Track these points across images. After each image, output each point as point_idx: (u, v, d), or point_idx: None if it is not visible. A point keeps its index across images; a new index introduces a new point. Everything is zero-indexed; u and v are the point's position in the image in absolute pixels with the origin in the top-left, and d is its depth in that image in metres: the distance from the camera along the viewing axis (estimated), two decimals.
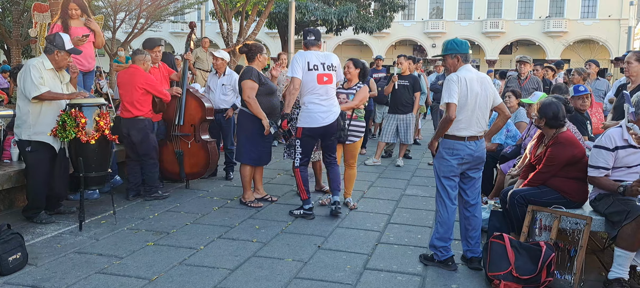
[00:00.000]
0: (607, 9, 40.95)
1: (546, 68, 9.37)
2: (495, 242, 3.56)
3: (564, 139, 3.81)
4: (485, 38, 43.04)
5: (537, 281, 3.37)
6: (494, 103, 3.80)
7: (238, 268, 3.73)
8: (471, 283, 3.58)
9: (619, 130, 3.61)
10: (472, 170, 3.80)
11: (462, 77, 3.64)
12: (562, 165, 3.77)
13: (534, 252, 3.45)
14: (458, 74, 3.67)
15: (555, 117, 3.82)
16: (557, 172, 3.80)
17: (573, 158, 3.76)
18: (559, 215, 3.66)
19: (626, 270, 3.41)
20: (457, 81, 3.62)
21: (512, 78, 8.21)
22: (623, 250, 3.39)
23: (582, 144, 4.03)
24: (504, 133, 5.89)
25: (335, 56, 5.11)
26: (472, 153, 3.70)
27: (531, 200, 3.82)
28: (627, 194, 3.43)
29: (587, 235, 3.51)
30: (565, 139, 3.81)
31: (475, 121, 3.69)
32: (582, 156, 3.83)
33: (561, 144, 3.78)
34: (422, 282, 3.59)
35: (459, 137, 3.69)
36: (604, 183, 3.61)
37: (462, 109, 3.63)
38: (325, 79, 4.83)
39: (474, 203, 3.84)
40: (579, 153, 3.80)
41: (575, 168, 3.78)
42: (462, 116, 3.64)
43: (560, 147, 3.78)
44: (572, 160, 3.76)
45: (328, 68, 4.88)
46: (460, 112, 3.63)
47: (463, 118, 3.64)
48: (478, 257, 3.79)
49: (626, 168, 3.60)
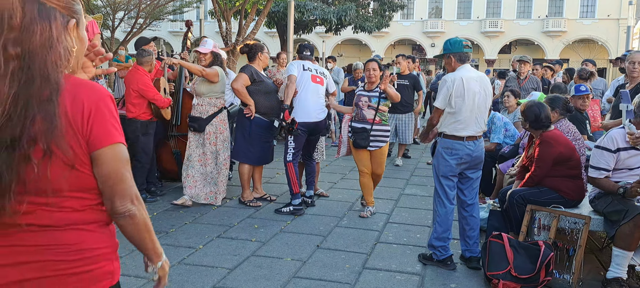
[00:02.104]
0: (606, 9, 40.97)
1: (545, 67, 9.37)
2: (494, 241, 3.56)
3: (548, 138, 3.84)
4: (484, 37, 43.05)
5: (536, 280, 3.38)
6: None
7: (237, 267, 3.73)
8: (470, 282, 3.59)
9: (621, 131, 3.59)
10: (470, 170, 3.80)
11: (458, 77, 3.65)
12: (552, 164, 3.79)
13: (533, 251, 3.45)
14: (454, 75, 3.68)
15: (537, 120, 3.88)
16: (549, 171, 3.80)
17: (560, 155, 3.77)
18: (558, 215, 3.66)
19: (624, 269, 3.42)
20: (452, 83, 3.64)
21: (511, 78, 8.23)
22: (621, 250, 3.39)
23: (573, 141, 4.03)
24: (503, 132, 5.89)
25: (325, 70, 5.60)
26: (470, 153, 3.70)
27: (530, 200, 3.82)
28: (627, 196, 3.43)
29: (585, 235, 3.51)
30: (550, 138, 3.84)
31: (474, 121, 3.69)
32: (570, 153, 3.83)
33: (547, 143, 3.82)
34: (421, 281, 3.60)
35: (457, 136, 3.69)
36: (605, 184, 3.60)
37: (461, 109, 3.63)
38: (318, 80, 5.29)
39: (472, 203, 3.85)
40: (565, 150, 3.81)
41: (566, 166, 3.80)
42: (460, 116, 3.64)
43: (546, 145, 3.81)
44: (559, 157, 3.77)
45: (320, 74, 5.36)
46: (458, 112, 3.63)
47: (462, 118, 3.64)
48: (477, 256, 3.79)
49: (627, 170, 3.60)
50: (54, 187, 1.19)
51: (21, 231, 1.20)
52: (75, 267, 1.24)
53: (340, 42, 42.23)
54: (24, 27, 1.13)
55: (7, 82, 1.11)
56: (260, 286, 3.42)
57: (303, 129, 5.12)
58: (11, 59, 1.11)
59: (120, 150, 1.26)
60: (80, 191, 1.24)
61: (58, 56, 1.17)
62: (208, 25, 31.80)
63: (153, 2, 18.33)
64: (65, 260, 1.23)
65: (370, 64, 5.05)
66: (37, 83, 1.13)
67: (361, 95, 5.00)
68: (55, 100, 1.14)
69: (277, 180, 6.66)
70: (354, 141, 4.92)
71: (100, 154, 1.22)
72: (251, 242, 4.27)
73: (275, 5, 18.63)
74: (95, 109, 1.22)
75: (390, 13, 23.02)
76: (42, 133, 1.13)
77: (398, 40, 44.89)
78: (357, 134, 4.90)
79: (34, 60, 1.13)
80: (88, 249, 1.26)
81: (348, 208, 5.39)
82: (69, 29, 1.22)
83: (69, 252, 1.23)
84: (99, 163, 1.23)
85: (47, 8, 1.18)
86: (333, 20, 19.62)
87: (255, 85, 5.23)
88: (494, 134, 5.88)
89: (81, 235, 1.25)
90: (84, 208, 1.26)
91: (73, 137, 1.19)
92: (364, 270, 3.76)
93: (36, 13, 1.15)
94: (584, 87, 5.39)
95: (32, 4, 1.16)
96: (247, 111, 5.22)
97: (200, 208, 5.23)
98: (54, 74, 1.15)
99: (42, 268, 1.21)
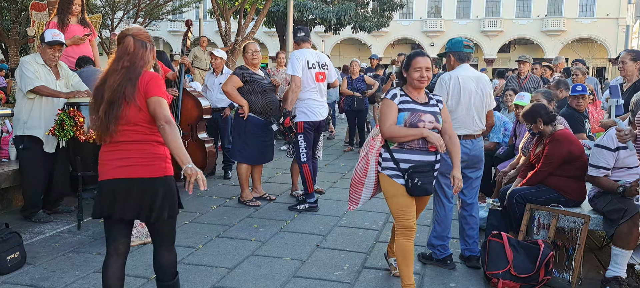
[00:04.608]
0: (605, 8, 40.99)
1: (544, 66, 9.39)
2: (493, 240, 3.56)
3: (560, 136, 3.83)
4: (483, 37, 43.05)
5: (536, 279, 3.38)
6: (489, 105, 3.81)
7: (236, 267, 3.73)
8: (469, 281, 3.59)
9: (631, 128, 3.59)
10: (469, 170, 3.80)
11: (454, 76, 3.67)
12: (560, 163, 3.78)
13: (532, 250, 3.45)
14: (451, 74, 3.71)
15: (547, 113, 3.91)
16: (555, 170, 3.80)
17: (570, 155, 3.77)
18: (557, 214, 3.66)
19: (624, 268, 3.42)
20: (448, 81, 3.66)
21: (511, 77, 8.24)
22: (620, 249, 3.40)
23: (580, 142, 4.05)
24: (502, 132, 5.89)
25: (325, 56, 5.51)
26: (467, 152, 3.70)
27: (530, 199, 3.82)
28: (626, 195, 3.43)
29: (585, 234, 3.51)
30: (562, 136, 3.84)
31: (470, 120, 3.68)
32: (580, 154, 3.84)
33: (558, 141, 3.81)
34: (420, 280, 3.60)
35: None
36: (604, 183, 3.61)
37: (456, 107, 3.64)
38: (321, 77, 5.22)
39: (471, 202, 3.84)
40: (575, 150, 3.81)
41: (573, 166, 3.79)
42: (456, 115, 3.64)
43: (557, 143, 3.80)
44: (568, 157, 3.77)
45: (322, 66, 5.26)
46: (454, 111, 3.64)
47: (457, 116, 3.64)
48: (476, 255, 3.79)
49: (627, 168, 3.60)
50: (133, 120, 2.44)
51: (122, 144, 2.46)
52: (146, 161, 2.47)
53: (340, 41, 42.22)
54: (133, 52, 2.49)
55: (118, 77, 2.44)
56: (259, 285, 3.42)
57: (310, 128, 5.18)
58: (123, 66, 2.45)
59: (157, 99, 2.42)
60: (145, 122, 2.46)
61: (144, 63, 2.51)
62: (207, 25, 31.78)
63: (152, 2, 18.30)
64: (141, 157, 2.47)
65: (422, 60, 3.17)
66: (131, 75, 2.44)
67: (418, 111, 3.14)
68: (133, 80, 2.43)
69: (277, 180, 6.65)
70: (414, 186, 3.09)
71: (149, 100, 2.43)
72: (251, 242, 4.27)
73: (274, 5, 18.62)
74: (148, 80, 2.46)
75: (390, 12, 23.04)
76: (127, 95, 2.41)
77: (397, 39, 44.89)
78: (420, 174, 3.09)
79: (135, 66, 2.46)
80: (152, 153, 2.49)
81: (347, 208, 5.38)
82: (148, 49, 2.55)
83: (143, 153, 2.47)
84: (148, 105, 2.43)
85: (143, 41, 2.53)
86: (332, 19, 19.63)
87: (248, 86, 5.27)
88: (493, 133, 5.88)
89: (148, 145, 2.48)
90: (148, 132, 2.47)
91: (139, 94, 2.43)
92: (363, 269, 3.76)
93: (139, 45, 2.51)
94: (581, 87, 5.39)
95: (137, 40, 2.51)
96: (241, 112, 5.27)
97: (199, 208, 5.22)
98: (140, 71, 2.47)
99: (133, 160, 2.46)
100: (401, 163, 3.12)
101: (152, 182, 2.46)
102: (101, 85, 2.47)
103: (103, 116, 2.41)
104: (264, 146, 5.46)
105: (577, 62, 8.30)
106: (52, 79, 4.52)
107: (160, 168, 2.49)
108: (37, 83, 4.36)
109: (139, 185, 2.45)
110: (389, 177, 3.17)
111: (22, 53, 16.58)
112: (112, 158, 2.47)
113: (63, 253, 3.91)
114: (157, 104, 2.40)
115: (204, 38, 10.93)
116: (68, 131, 4.21)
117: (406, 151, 3.12)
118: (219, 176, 6.72)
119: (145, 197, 2.46)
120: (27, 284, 3.37)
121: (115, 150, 2.47)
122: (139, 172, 2.45)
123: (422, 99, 3.20)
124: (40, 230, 4.42)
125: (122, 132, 2.43)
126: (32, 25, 7.11)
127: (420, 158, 3.11)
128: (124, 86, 2.40)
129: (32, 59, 4.49)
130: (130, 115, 2.42)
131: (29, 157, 4.54)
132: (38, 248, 4.00)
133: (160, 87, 2.45)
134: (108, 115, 2.40)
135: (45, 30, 4.59)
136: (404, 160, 3.12)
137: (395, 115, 3.11)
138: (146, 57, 2.50)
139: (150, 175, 2.46)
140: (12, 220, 4.46)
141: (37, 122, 4.47)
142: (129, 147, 2.45)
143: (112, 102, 2.40)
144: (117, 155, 2.46)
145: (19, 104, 4.51)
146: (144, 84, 2.42)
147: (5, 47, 16.65)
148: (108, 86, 2.42)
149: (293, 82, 5.03)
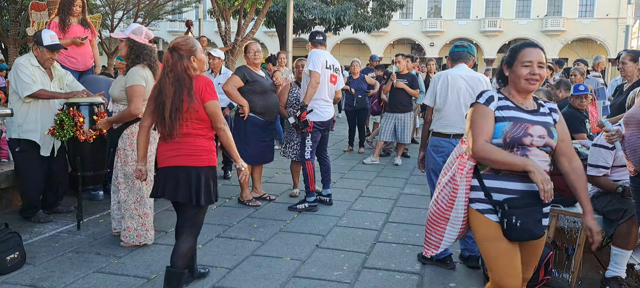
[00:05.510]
0: (604, 8, 40.98)
1: None
2: None
3: None
4: (483, 37, 43.05)
5: (535, 279, 3.37)
6: None
7: (236, 267, 3.73)
8: (469, 281, 3.59)
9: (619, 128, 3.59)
10: None
11: (444, 74, 3.80)
12: None
13: None
14: (441, 72, 3.85)
15: None
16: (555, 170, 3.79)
17: None
18: (557, 214, 3.66)
19: (623, 268, 3.43)
20: (437, 80, 3.81)
21: None
22: (620, 249, 3.40)
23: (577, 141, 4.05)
24: None
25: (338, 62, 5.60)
26: None
27: None
28: (625, 195, 3.44)
29: (585, 234, 3.51)
30: None
31: (459, 118, 3.70)
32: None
33: None
34: (420, 280, 3.60)
35: (443, 134, 3.71)
36: (603, 183, 3.61)
37: (444, 105, 3.73)
38: (333, 79, 5.32)
39: None
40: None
41: None
42: (444, 113, 3.71)
43: None
44: None
45: (336, 70, 5.37)
46: (442, 108, 3.74)
47: (445, 114, 3.70)
48: (476, 255, 3.79)
49: (626, 168, 3.60)
50: (191, 118, 2.87)
51: (182, 137, 2.89)
52: (196, 152, 2.92)
53: (340, 41, 42.20)
54: (173, 64, 2.89)
55: (171, 86, 2.85)
56: (259, 286, 3.42)
57: (319, 127, 5.23)
58: (170, 80, 2.87)
59: (213, 102, 2.92)
60: (200, 121, 2.91)
61: (188, 71, 2.90)
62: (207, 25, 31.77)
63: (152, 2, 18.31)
64: (193, 149, 2.92)
65: (534, 52, 2.50)
66: (181, 84, 2.86)
67: (524, 122, 2.30)
68: (188, 86, 2.86)
69: (277, 180, 6.66)
70: (511, 227, 2.22)
71: (206, 104, 2.90)
72: (250, 242, 4.27)
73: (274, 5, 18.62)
74: (203, 86, 2.91)
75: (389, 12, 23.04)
76: (184, 100, 2.84)
77: (397, 39, 44.87)
78: (520, 209, 2.24)
79: (179, 76, 2.87)
80: (201, 146, 2.95)
81: (347, 208, 5.39)
82: (191, 60, 2.92)
83: (195, 146, 2.92)
84: (206, 108, 2.90)
85: (181, 54, 2.90)
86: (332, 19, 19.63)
87: (249, 86, 5.27)
88: None
89: (199, 139, 2.94)
90: (201, 128, 2.93)
91: (196, 98, 2.87)
92: (363, 269, 3.76)
93: (177, 57, 2.89)
94: (583, 87, 5.39)
95: (175, 54, 2.90)
96: (241, 112, 5.27)
97: None
98: (187, 79, 2.88)
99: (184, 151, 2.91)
100: (493, 194, 2.26)
101: (198, 170, 2.92)
102: (158, 95, 2.90)
103: (169, 120, 2.85)
104: (264, 146, 5.47)
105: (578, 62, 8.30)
106: (46, 80, 4.49)
107: (207, 159, 2.96)
108: (35, 88, 4.33)
109: (187, 172, 2.90)
110: (478, 213, 2.30)
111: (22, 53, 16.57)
112: (167, 149, 2.94)
113: (63, 253, 3.91)
114: (215, 108, 2.92)
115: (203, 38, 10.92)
116: (68, 131, 4.21)
117: (501, 177, 2.26)
118: (219, 176, 6.72)
119: (192, 182, 2.90)
120: (27, 284, 3.37)
121: (169, 143, 2.92)
122: (188, 161, 2.90)
123: (530, 105, 2.36)
124: (40, 230, 4.42)
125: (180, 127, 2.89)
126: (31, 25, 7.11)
127: (520, 187, 2.24)
128: (180, 94, 2.84)
129: (27, 61, 4.42)
130: (185, 116, 2.85)
131: (25, 160, 4.52)
132: (38, 248, 4.00)
133: (212, 92, 2.93)
134: (173, 119, 2.84)
135: (41, 32, 4.53)
136: (498, 188, 2.26)
137: (491, 127, 2.26)
138: (186, 65, 2.89)
139: (197, 165, 2.91)
140: (11, 220, 4.46)
141: (33, 126, 4.43)
142: (181, 141, 2.89)
143: (175, 109, 2.84)
144: (171, 146, 2.92)
145: (13, 106, 4.43)
146: (199, 90, 2.88)
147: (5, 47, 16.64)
148: (167, 96, 2.85)
149: (313, 77, 5.04)
